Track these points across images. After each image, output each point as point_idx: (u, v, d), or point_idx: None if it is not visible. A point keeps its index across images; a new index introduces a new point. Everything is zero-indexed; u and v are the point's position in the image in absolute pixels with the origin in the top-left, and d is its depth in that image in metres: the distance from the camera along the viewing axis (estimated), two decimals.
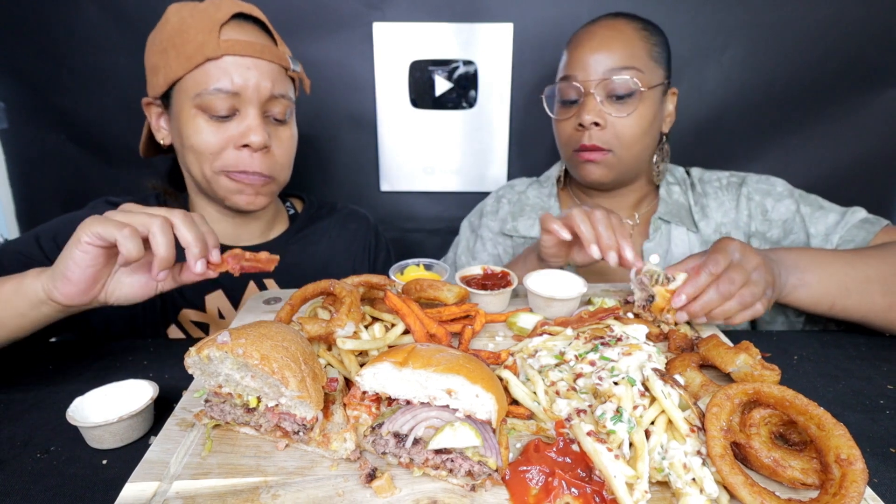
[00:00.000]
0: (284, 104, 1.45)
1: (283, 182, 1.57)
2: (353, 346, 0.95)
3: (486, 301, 1.25)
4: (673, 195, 1.74)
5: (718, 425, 0.77)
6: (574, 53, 1.59)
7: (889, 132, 2.16)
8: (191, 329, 1.60)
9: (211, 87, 1.35)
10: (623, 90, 1.52)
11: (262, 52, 1.38)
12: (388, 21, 2.09)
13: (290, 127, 1.52)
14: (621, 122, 1.55)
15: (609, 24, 1.58)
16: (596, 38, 1.56)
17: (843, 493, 0.67)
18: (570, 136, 1.62)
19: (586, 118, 1.54)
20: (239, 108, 1.40)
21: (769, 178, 1.71)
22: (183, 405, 0.93)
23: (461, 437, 0.74)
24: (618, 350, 0.93)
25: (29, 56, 2.09)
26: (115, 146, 2.21)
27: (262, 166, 1.45)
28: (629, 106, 1.54)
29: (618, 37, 1.55)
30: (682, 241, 1.69)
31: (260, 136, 1.39)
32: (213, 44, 1.34)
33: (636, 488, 0.71)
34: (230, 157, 1.42)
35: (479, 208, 2.02)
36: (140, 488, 0.75)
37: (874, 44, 2.05)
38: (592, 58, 1.54)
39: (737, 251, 1.16)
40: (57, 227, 1.51)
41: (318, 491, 0.75)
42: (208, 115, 1.39)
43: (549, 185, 1.90)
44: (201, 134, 1.40)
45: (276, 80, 1.42)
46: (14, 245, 1.46)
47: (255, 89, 1.38)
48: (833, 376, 1.17)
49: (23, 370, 1.25)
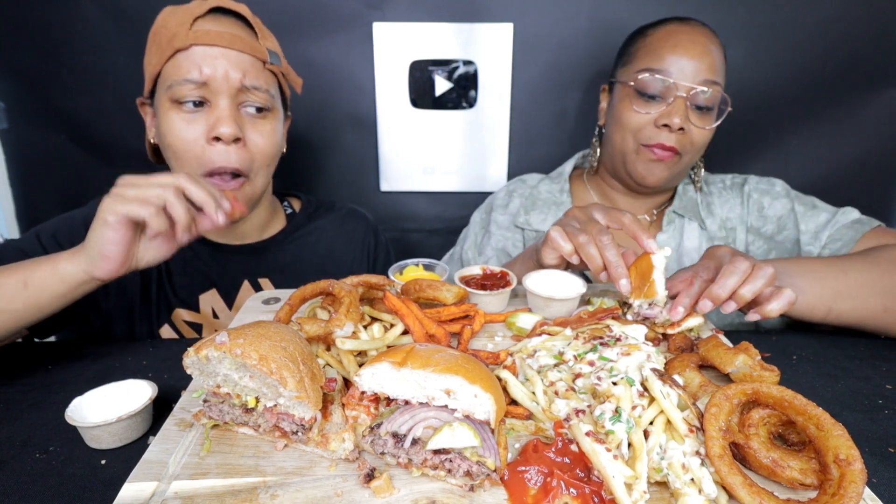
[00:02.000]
0: (261, 97, 1.41)
1: (259, 186, 1.49)
2: (352, 347, 0.95)
3: (485, 301, 1.25)
4: (688, 192, 1.80)
5: (717, 425, 0.77)
6: (670, 50, 1.56)
7: (889, 132, 2.16)
8: (184, 329, 1.59)
9: (180, 78, 1.35)
10: (708, 102, 1.56)
11: (231, 41, 1.35)
12: (388, 21, 2.09)
13: (271, 123, 1.46)
14: (699, 131, 1.58)
15: (702, 31, 1.59)
16: (696, 43, 1.56)
17: (842, 493, 0.67)
18: (644, 130, 1.60)
19: (676, 121, 1.54)
20: (209, 99, 1.37)
21: (770, 179, 1.77)
22: (181, 405, 0.93)
23: (460, 437, 0.74)
24: (617, 350, 0.92)
25: (29, 56, 2.09)
26: (115, 146, 2.21)
27: (237, 160, 1.39)
28: (709, 118, 1.59)
29: (711, 48, 1.57)
30: (694, 236, 1.74)
31: (229, 127, 1.35)
32: (182, 35, 1.34)
33: (635, 488, 0.71)
34: (205, 155, 1.38)
35: (488, 202, 2.02)
36: (139, 488, 0.75)
37: (874, 44, 2.05)
38: (691, 62, 1.54)
39: (727, 254, 1.16)
40: (57, 226, 1.52)
41: (316, 491, 0.75)
42: (181, 108, 1.37)
43: (562, 181, 1.91)
44: (174, 128, 1.38)
45: (248, 71, 1.38)
46: (15, 243, 1.47)
47: (224, 79, 1.35)
48: (832, 376, 1.17)
49: (22, 370, 1.25)
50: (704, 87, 1.53)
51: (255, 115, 1.43)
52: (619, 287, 1.16)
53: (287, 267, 1.68)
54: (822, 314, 1.31)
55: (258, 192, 1.51)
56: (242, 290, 1.62)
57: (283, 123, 1.56)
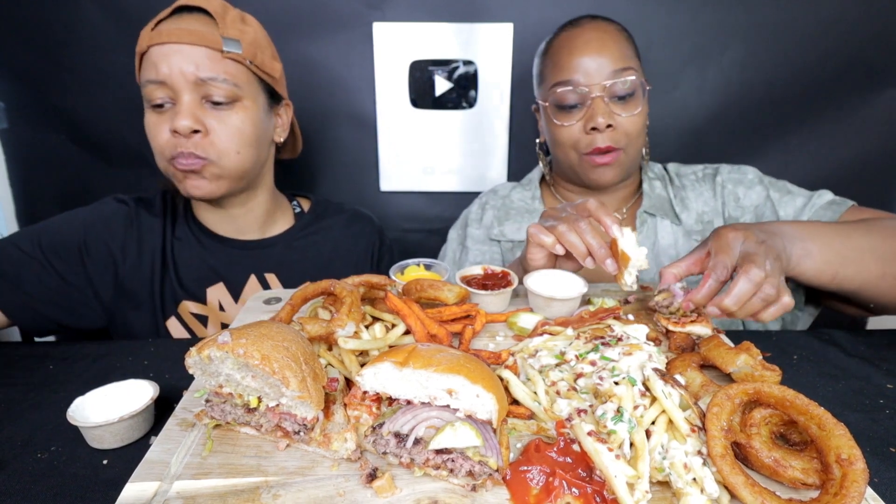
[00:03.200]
0: (222, 88, 1.42)
1: (231, 167, 1.49)
2: (355, 346, 0.95)
3: (486, 301, 1.25)
4: (655, 190, 1.79)
5: (719, 425, 0.77)
6: (568, 58, 1.60)
7: (889, 132, 2.16)
8: (190, 321, 1.60)
9: (144, 80, 1.42)
10: (626, 90, 1.57)
11: (182, 36, 1.37)
12: (388, 21, 2.09)
13: (239, 111, 1.46)
14: (629, 120, 1.58)
15: (595, 26, 1.61)
16: (591, 41, 1.58)
17: (844, 492, 0.67)
18: (578, 141, 1.63)
19: (600, 121, 1.55)
20: (174, 97, 1.41)
21: (741, 168, 1.77)
22: (183, 405, 0.93)
23: (462, 437, 0.74)
24: (618, 350, 0.93)
25: (29, 56, 2.09)
26: (115, 146, 2.21)
27: (196, 148, 1.42)
28: (633, 104, 1.59)
29: (609, 38, 1.59)
30: (668, 234, 1.74)
31: (185, 120, 1.38)
32: (145, 39, 1.40)
33: (637, 488, 0.71)
34: (170, 144, 1.43)
35: (463, 217, 2.01)
36: (141, 488, 0.75)
37: (874, 44, 2.05)
38: (592, 61, 1.56)
39: (739, 246, 1.12)
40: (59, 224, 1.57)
41: (318, 491, 0.75)
42: (151, 108, 1.44)
43: (532, 188, 1.92)
44: (148, 126, 1.46)
45: (202, 64, 1.39)
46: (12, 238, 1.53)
47: (180, 75, 1.38)
48: (833, 376, 1.17)
49: (23, 370, 1.25)
50: (614, 78, 1.55)
51: (218, 108, 1.44)
52: (606, 267, 1.20)
53: (294, 264, 1.70)
54: (829, 278, 1.28)
55: (232, 172, 1.50)
56: (249, 285, 1.64)
57: (265, 111, 1.55)
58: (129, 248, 1.57)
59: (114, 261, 1.56)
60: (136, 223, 1.59)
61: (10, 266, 1.47)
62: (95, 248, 1.54)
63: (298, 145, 1.84)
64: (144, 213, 1.62)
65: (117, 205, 1.62)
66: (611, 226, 1.22)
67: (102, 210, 1.60)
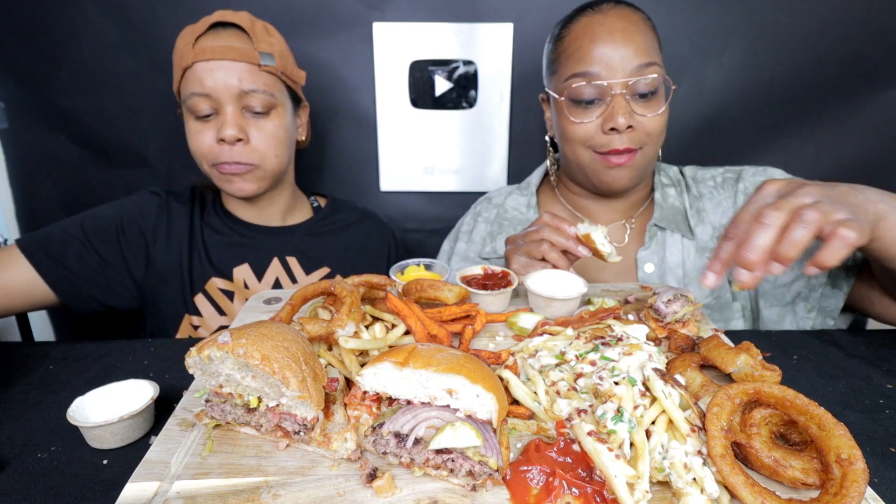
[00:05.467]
0: (261, 98, 1.57)
1: (271, 169, 1.66)
2: (356, 346, 0.95)
3: (486, 301, 1.25)
4: (668, 199, 1.66)
5: (719, 425, 0.77)
6: (589, 47, 1.44)
7: (889, 132, 2.16)
8: (217, 297, 1.73)
9: (189, 92, 1.55)
10: (649, 88, 1.43)
11: (224, 53, 1.52)
12: (388, 21, 2.09)
13: (274, 118, 1.62)
14: (651, 120, 1.45)
15: (619, 13, 1.46)
16: (615, 30, 1.43)
17: (844, 492, 0.67)
18: (592, 139, 1.50)
19: (621, 122, 1.42)
20: (218, 108, 1.56)
21: (766, 170, 1.65)
22: (183, 405, 0.93)
23: (462, 437, 0.74)
24: (618, 350, 0.92)
25: (29, 56, 2.09)
26: (115, 146, 2.21)
27: (241, 156, 1.58)
28: (656, 104, 1.46)
29: (635, 28, 1.44)
30: (677, 250, 1.61)
31: (231, 130, 1.54)
32: (188, 55, 1.53)
33: (637, 488, 0.71)
34: (214, 152, 1.59)
35: (455, 229, 1.95)
36: (141, 488, 0.75)
37: (874, 44, 2.05)
38: (616, 53, 1.41)
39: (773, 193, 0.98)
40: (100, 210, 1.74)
41: (318, 491, 0.75)
42: (195, 118, 1.58)
43: (529, 194, 1.82)
44: (192, 134, 1.61)
45: (244, 78, 1.53)
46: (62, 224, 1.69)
47: (225, 89, 1.53)
48: (833, 376, 1.17)
49: (23, 370, 1.25)
50: (639, 74, 1.41)
51: (257, 116, 1.60)
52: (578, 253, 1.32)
53: (312, 250, 1.84)
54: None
55: (272, 173, 1.68)
56: (272, 266, 1.78)
57: (292, 115, 1.72)
58: (159, 232, 1.74)
59: (146, 242, 1.73)
60: (166, 210, 1.77)
61: (57, 246, 1.63)
62: (130, 231, 1.71)
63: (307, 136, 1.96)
64: (175, 203, 1.79)
65: (151, 195, 1.80)
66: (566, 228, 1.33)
67: (138, 199, 1.79)
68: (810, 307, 1.56)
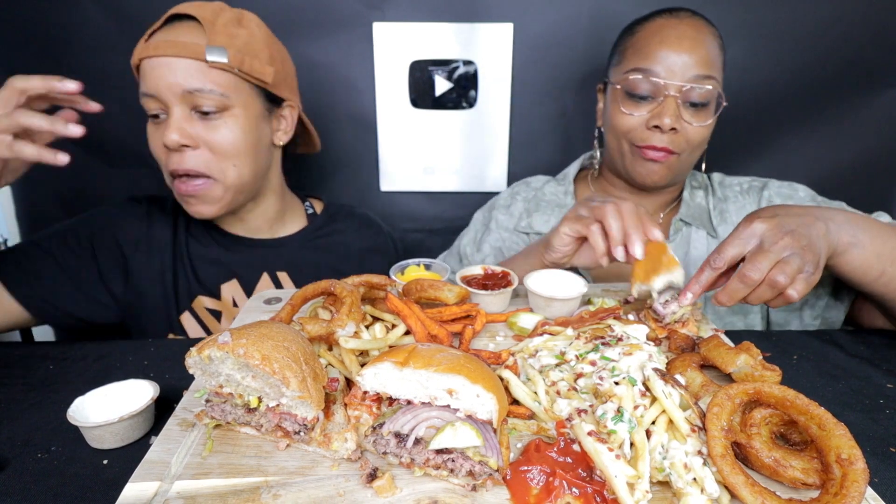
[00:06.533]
0: (209, 98, 1.41)
1: (232, 182, 1.50)
2: (356, 346, 0.95)
3: (486, 301, 1.25)
4: (696, 198, 1.73)
5: (719, 425, 0.77)
6: (657, 47, 1.50)
7: (889, 132, 2.16)
8: (204, 316, 1.63)
9: (140, 92, 1.44)
10: (702, 98, 1.50)
11: (168, 48, 1.37)
12: (388, 21, 2.09)
13: (228, 120, 1.45)
14: (695, 130, 1.52)
15: (692, 23, 1.52)
16: (685, 37, 1.49)
17: (844, 492, 0.67)
18: (636, 132, 1.56)
19: (666, 122, 1.48)
20: (164, 109, 1.42)
21: (791, 184, 1.70)
22: (184, 405, 0.93)
23: (462, 437, 0.74)
24: (618, 350, 0.93)
25: (29, 56, 2.09)
26: (115, 146, 2.20)
27: (192, 163, 1.44)
28: (704, 115, 1.53)
29: (703, 41, 1.50)
30: (702, 245, 1.67)
31: (173, 135, 1.40)
32: (139, 51, 1.41)
33: (637, 488, 0.71)
34: (166, 160, 1.46)
35: (491, 202, 2.00)
36: (141, 488, 0.75)
37: (874, 44, 2.05)
38: (679, 58, 1.47)
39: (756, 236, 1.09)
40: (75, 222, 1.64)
41: (318, 491, 0.75)
42: (150, 117, 1.47)
43: (567, 183, 1.88)
44: (148, 136, 1.49)
45: (188, 75, 1.38)
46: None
47: (167, 88, 1.39)
48: (833, 376, 1.17)
49: (23, 370, 1.24)
50: (695, 83, 1.47)
51: (208, 117, 1.44)
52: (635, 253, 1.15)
53: (305, 265, 1.73)
54: (876, 275, 1.21)
55: (234, 187, 1.52)
56: (261, 282, 1.68)
57: (261, 117, 1.54)
58: (140, 243, 1.62)
59: (122, 253, 1.61)
60: (147, 219, 1.65)
61: (30, 263, 1.53)
62: (104, 241, 1.60)
63: (315, 141, 1.84)
64: (157, 212, 1.67)
65: (130, 202, 1.69)
66: (652, 229, 1.17)
67: (113, 208, 1.68)
68: (815, 315, 1.59)
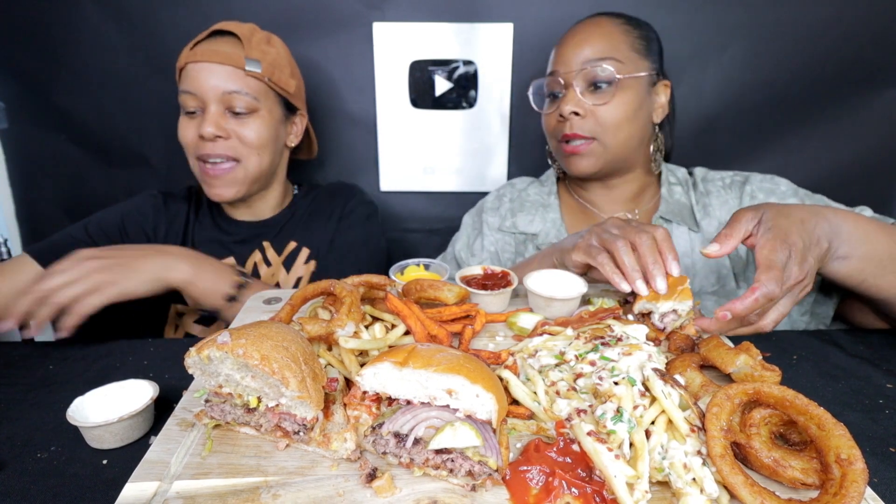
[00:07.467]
0: (243, 99, 1.67)
1: (252, 168, 1.74)
2: (356, 346, 0.95)
3: (486, 301, 1.25)
4: (674, 195, 1.75)
5: (719, 425, 0.77)
6: (557, 50, 1.68)
7: (889, 132, 2.16)
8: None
9: (181, 91, 1.69)
10: (600, 79, 1.59)
11: (212, 56, 1.64)
12: (388, 21, 2.09)
13: (256, 120, 1.71)
14: (601, 109, 1.60)
15: (591, 20, 1.67)
16: (578, 34, 1.64)
17: (844, 492, 0.67)
18: (554, 128, 1.69)
19: (565, 108, 1.61)
20: (202, 106, 1.67)
21: (773, 178, 1.71)
22: (183, 405, 0.93)
23: (461, 437, 0.74)
24: (618, 350, 0.92)
25: (29, 56, 2.09)
26: (115, 146, 2.21)
27: (222, 150, 1.69)
28: (607, 94, 1.60)
29: (597, 31, 1.62)
30: (684, 241, 1.69)
31: (210, 128, 1.65)
32: (184, 57, 1.68)
33: (636, 488, 0.71)
34: (194, 144, 1.71)
35: (479, 205, 2.03)
36: (140, 488, 0.75)
37: (874, 44, 2.05)
38: (573, 52, 1.61)
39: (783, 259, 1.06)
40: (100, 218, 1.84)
41: (318, 491, 0.75)
42: (184, 114, 1.71)
43: (549, 184, 1.93)
44: (180, 128, 1.73)
45: (228, 80, 1.65)
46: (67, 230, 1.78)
47: (210, 89, 1.64)
48: (833, 376, 1.17)
49: (23, 370, 1.25)
50: (586, 66, 1.58)
51: (240, 116, 1.69)
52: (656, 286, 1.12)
53: (283, 231, 1.93)
54: (857, 282, 1.23)
55: (253, 174, 1.76)
56: (252, 256, 1.88)
57: (280, 120, 1.80)
58: (159, 230, 1.88)
59: (147, 239, 1.86)
60: (163, 210, 1.90)
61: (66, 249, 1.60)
62: (132, 230, 1.85)
63: (314, 148, 2.06)
64: (171, 203, 1.92)
65: (148, 197, 1.93)
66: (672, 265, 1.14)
67: (136, 201, 1.92)
68: (804, 310, 1.60)
